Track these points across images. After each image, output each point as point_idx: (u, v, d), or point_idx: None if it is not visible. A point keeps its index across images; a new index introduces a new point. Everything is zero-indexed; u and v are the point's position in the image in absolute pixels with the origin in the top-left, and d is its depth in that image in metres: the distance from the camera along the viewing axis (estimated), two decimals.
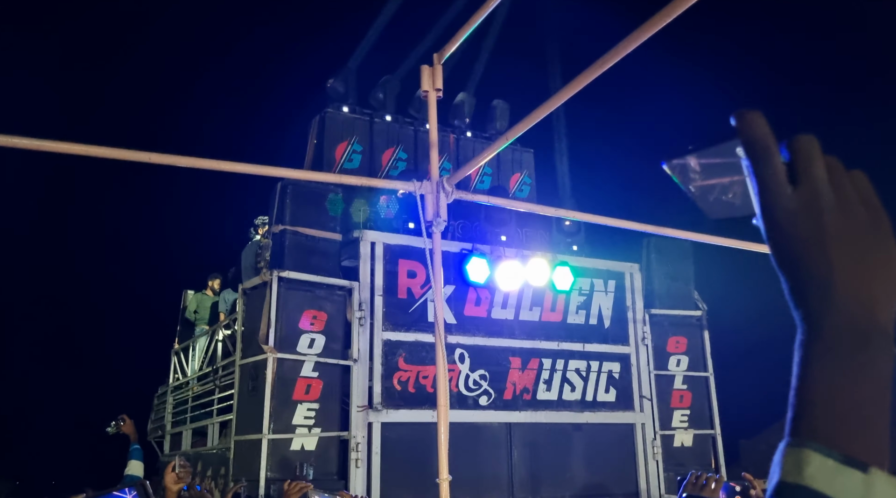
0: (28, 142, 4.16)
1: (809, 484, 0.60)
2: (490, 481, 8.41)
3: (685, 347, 10.02)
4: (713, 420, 10.02)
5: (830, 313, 0.65)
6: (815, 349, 0.66)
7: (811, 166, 0.68)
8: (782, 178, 0.68)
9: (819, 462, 0.61)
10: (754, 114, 0.69)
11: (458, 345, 8.44)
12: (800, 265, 0.67)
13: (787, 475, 0.62)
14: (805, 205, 0.67)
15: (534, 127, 4.75)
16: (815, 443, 0.62)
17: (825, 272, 0.66)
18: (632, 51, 3.78)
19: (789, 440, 0.64)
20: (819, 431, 0.62)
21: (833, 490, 0.59)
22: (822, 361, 0.65)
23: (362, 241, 8.25)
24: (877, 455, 0.61)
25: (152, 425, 12.57)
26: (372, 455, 7.72)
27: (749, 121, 0.69)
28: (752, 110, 0.69)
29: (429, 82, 5.40)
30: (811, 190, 0.67)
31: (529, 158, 11.75)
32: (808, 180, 0.68)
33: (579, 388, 9.17)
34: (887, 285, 0.66)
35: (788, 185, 0.68)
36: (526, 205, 9.11)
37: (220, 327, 10.14)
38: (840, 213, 0.67)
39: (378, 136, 10.57)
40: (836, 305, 0.65)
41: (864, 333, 0.64)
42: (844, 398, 0.63)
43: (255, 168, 5.09)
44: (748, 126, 0.69)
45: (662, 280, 10.04)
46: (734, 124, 0.69)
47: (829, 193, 0.67)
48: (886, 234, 0.68)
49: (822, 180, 0.68)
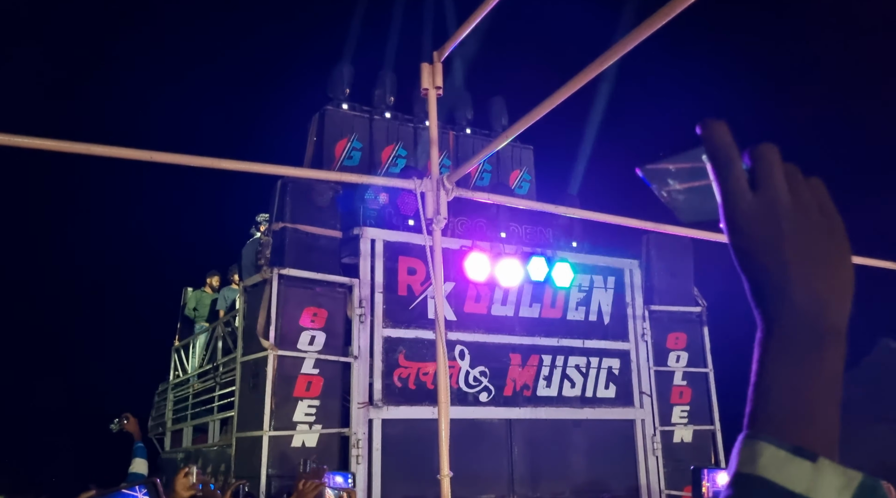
0: (29, 141, 4.16)
1: (762, 474, 0.64)
2: (490, 477, 8.44)
3: (685, 343, 10.04)
4: (713, 416, 10.04)
5: (786, 313, 0.68)
6: (771, 346, 0.69)
7: (771, 173, 0.71)
8: (743, 184, 0.71)
9: (771, 453, 0.64)
10: (717, 123, 0.73)
11: (459, 341, 8.46)
12: (758, 267, 0.70)
13: (742, 466, 0.65)
14: (764, 210, 0.70)
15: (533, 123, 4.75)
16: (768, 435, 0.65)
17: (782, 274, 0.69)
18: (633, 48, 3.79)
19: (746, 433, 0.67)
20: (772, 423, 0.66)
21: (783, 479, 0.63)
22: (777, 358, 0.68)
23: (362, 239, 8.26)
24: (826, 446, 0.65)
25: (153, 422, 12.59)
26: (373, 452, 7.75)
27: (712, 130, 0.72)
28: (716, 119, 0.73)
29: (429, 80, 5.40)
30: (770, 195, 0.70)
31: (529, 155, 11.75)
32: (767, 186, 0.71)
33: (579, 384, 9.19)
34: (840, 287, 0.70)
35: (749, 191, 0.71)
36: (525, 202, 9.12)
37: (221, 325, 10.16)
38: (797, 218, 0.70)
39: (378, 133, 10.58)
40: (791, 304, 0.68)
41: (817, 332, 0.68)
42: (797, 393, 0.67)
43: (255, 166, 5.09)
44: (711, 134, 0.72)
45: (662, 276, 10.05)
46: (699, 132, 0.73)
47: (788, 199, 0.70)
48: (841, 238, 0.71)
49: (781, 187, 0.71)
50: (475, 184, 10.85)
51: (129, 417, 6.00)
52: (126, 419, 5.98)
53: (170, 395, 11.91)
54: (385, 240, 8.38)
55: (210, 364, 10.11)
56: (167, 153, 4.63)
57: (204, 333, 11.16)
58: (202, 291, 12.23)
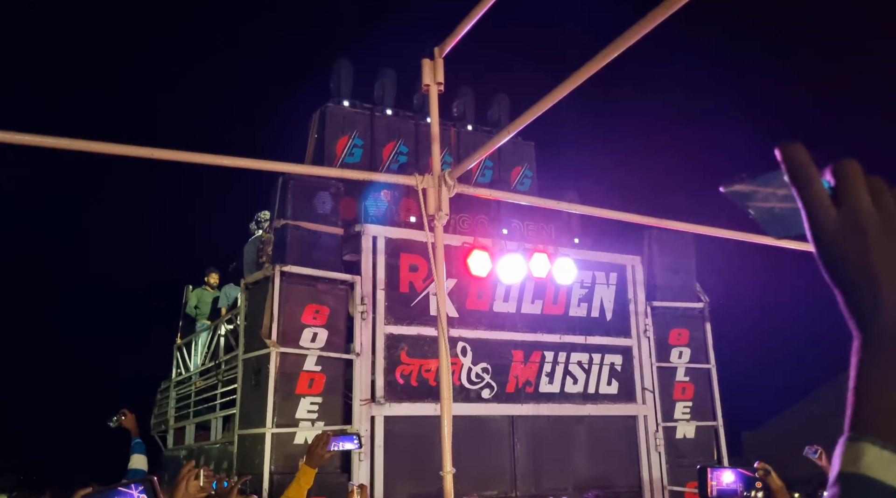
0: (30, 138, 4.16)
1: (866, 472, 0.67)
2: (493, 474, 8.44)
3: (687, 339, 10.03)
4: (715, 412, 10.03)
5: (879, 321, 0.71)
6: (868, 352, 0.72)
7: (853, 189, 0.74)
8: (826, 202, 0.74)
9: (875, 453, 0.67)
10: (794, 145, 0.76)
11: (461, 338, 8.46)
12: (849, 280, 0.73)
13: (846, 466, 0.68)
14: (849, 225, 0.73)
15: (534, 119, 4.74)
16: (871, 437, 0.68)
17: (872, 285, 0.72)
18: (633, 44, 3.77)
19: (848, 435, 0.70)
20: (874, 426, 0.69)
21: (889, 477, 0.66)
22: (875, 363, 0.71)
23: (364, 236, 8.25)
24: None
25: (155, 420, 12.60)
26: (375, 448, 7.75)
27: (789, 152, 0.76)
28: (793, 142, 0.76)
29: (430, 76, 5.39)
30: (854, 210, 0.73)
31: (530, 151, 11.74)
32: (850, 202, 0.73)
33: (581, 380, 9.18)
34: None
35: (832, 208, 0.74)
36: (527, 198, 9.10)
37: (223, 322, 10.16)
38: (883, 230, 0.73)
39: (379, 130, 10.57)
40: (884, 312, 0.71)
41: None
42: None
43: (256, 163, 5.08)
44: (789, 156, 0.75)
45: (664, 272, 10.04)
46: (777, 156, 0.76)
47: (873, 212, 0.73)
48: None
49: (865, 201, 0.73)
50: (476, 180, 10.84)
51: (126, 413, 6.00)
52: (123, 415, 5.98)
53: (172, 392, 11.92)
54: (387, 236, 8.37)
55: (212, 362, 10.12)
56: (168, 150, 4.63)
57: (206, 330, 11.17)
58: (203, 289, 12.25)
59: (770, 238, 6.09)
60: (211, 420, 9.81)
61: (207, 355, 10.55)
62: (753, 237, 6.38)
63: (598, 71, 4.03)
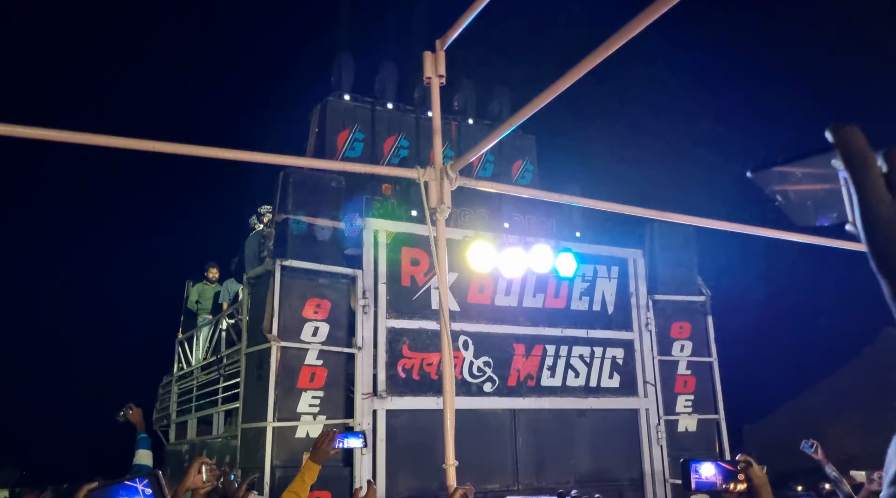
0: (31, 131, 4.14)
1: None
2: (495, 467, 8.45)
3: (689, 333, 10.03)
4: (717, 405, 10.03)
5: None
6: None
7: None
8: (882, 188, 0.70)
9: None
10: (851, 128, 0.71)
11: (462, 332, 8.46)
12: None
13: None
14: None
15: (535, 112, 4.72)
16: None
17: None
18: (636, 34, 3.75)
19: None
20: None
21: None
22: None
23: (365, 229, 8.25)
24: None
25: (157, 415, 12.62)
26: (377, 442, 7.76)
27: (847, 134, 0.71)
28: (849, 124, 0.71)
29: (431, 69, 5.37)
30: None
31: (531, 145, 11.72)
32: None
33: (583, 374, 9.18)
34: None
35: (888, 194, 0.70)
36: (529, 191, 9.07)
37: (224, 317, 10.16)
38: None
39: (380, 123, 10.55)
40: None
41: None
42: None
43: (257, 156, 5.06)
44: (846, 139, 0.71)
45: (665, 266, 10.03)
46: (830, 138, 0.71)
47: None
48: None
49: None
50: (478, 174, 10.83)
51: (133, 408, 6.00)
52: (130, 409, 5.98)
53: (174, 387, 11.93)
54: (388, 230, 8.36)
55: (214, 356, 10.12)
56: (170, 143, 4.61)
57: (207, 325, 11.18)
58: (203, 283, 12.27)
59: (771, 231, 6.06)
60: (213, 414, 9.83)
61: (209, 350, 10.56)
62: (755, 230, 6.37)
63: (601, 63, 4.01)
